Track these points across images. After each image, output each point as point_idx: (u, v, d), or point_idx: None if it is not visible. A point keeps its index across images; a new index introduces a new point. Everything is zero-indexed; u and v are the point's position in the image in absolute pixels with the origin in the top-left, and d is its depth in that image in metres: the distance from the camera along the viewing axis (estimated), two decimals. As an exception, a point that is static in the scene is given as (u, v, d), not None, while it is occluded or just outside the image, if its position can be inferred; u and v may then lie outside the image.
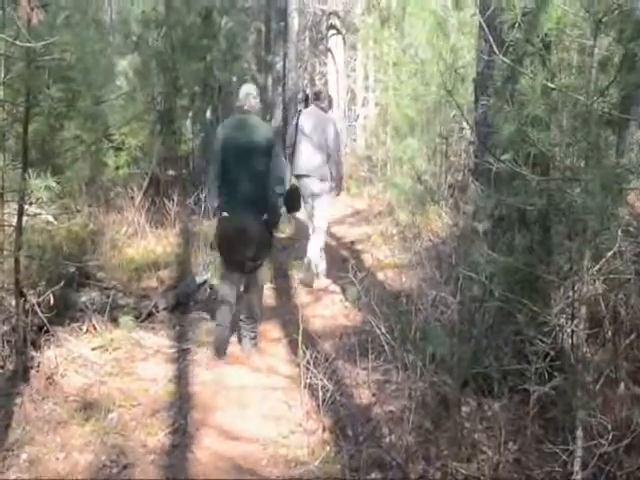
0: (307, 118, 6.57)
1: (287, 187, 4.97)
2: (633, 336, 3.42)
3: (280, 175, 4.79)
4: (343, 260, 6.96)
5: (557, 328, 3.33)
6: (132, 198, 7.46)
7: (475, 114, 4.04)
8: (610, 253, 3.08)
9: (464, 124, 7.51)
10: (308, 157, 6.42)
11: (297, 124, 6.54)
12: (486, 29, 3.35)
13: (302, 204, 5.85)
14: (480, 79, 3.91)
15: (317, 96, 6.74)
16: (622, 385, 3.36)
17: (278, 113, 12.14)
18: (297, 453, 3.59)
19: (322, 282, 6.42)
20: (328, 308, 5.81)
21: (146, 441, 3.67)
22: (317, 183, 6.44)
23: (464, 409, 3.54)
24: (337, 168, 6.58)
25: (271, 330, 5.30)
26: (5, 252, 4.24)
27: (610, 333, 3.55)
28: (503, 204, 3.55)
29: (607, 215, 2.89)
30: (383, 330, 4.12)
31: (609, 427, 2.93)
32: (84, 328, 4.80)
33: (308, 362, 3.81)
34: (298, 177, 6.43)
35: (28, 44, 3.53)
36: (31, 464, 3.40)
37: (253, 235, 4.62)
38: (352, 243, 7.84)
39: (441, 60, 3.64)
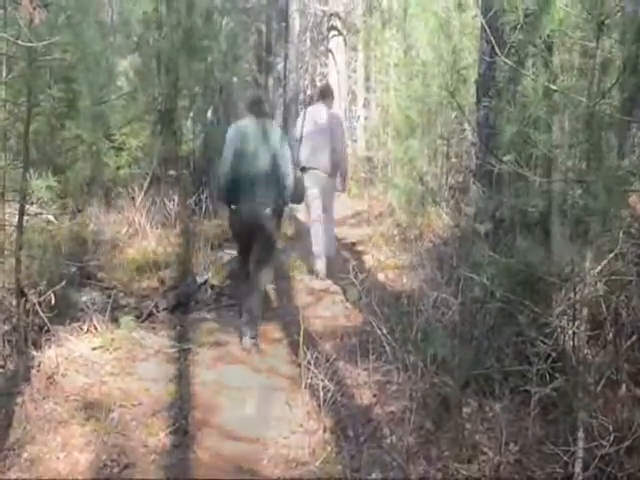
0: (313, 114, 6.58)
1: (293, 180, 5.07)
2: (634, 338, 3.42)
3: (287, 171, 4.94)
4: (344, 261, 6.96)
5: (558, 329, 3.34)
6: (133, 198, 7.46)
7: (477, 115, 4.05)
8: (612, 255, 3.09)
9: (466, 125, 7.49)
10: (314, 151, 6.44)
11: (304, 119, 6.56)
12: (488, 30, 3.36)
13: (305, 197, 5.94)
14: (482, 80, 3.91)
15: (323, 92, 6.76)
16: (623, 387, 3.36)
17: (279, 114, 12.16)
18: (298, 453, 3.58)
19: (323, 282, 6.43)
20: (329, 309, 5.81)
21: (147, 441, 3.67)
22: (323, 177, 6.47)
23: (465, 410, 3.54)
24: (343, 164, 6.61)
25: (272, 330, 5.30)
26: (6, 252, 4.24)
27: (611, 335, 3.54)
28: (505, 205, 3.56)
29: (609, 217, 2.89)
30: (384, 331, 4.12)
31: (610, 428, 2.93)
32: (85, 328, 4.79)
33: (309, 362, 3.82)
34: (304, 170, 6.43)
35: (30, 44, 3.54)
36: (32, 463, 3.40)
37: (259, 226, 4.88)
38: (353, 244, 7.83)
39: (443, 61, 3.65)
